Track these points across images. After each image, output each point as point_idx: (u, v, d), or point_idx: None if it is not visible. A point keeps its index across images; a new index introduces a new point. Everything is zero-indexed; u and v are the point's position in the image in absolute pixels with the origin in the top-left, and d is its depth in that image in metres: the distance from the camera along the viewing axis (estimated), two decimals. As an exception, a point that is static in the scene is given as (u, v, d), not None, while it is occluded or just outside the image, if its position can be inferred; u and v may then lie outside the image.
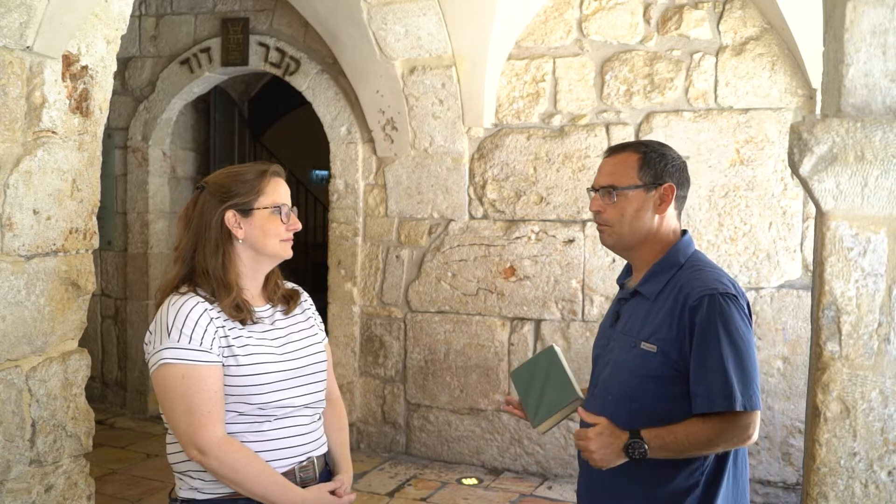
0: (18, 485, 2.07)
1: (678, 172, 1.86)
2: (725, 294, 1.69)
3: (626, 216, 1.84)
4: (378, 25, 4.41)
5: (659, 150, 1.87)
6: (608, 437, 1.70)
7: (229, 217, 1.77)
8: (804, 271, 4.05)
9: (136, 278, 5.67)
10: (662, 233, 1.85)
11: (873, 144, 1.28)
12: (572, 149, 4.46)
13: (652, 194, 1.83)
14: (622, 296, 1.96)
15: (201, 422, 1.67)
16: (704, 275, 1.76)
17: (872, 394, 1.30)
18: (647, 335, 1.77)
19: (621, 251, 1.94)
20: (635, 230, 1.84)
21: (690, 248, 1.86)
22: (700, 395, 1.66)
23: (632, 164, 1.84)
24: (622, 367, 1.82)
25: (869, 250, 1.30)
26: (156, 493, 4.19)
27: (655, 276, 1.84)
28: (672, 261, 1.83)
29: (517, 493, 4.31)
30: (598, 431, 1.72)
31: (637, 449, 1.67)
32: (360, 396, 4.95)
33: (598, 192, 1.88)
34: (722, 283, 1.72)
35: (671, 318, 1.74)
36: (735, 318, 1.68)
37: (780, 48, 4.07)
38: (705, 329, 1.67)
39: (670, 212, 1.86)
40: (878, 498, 1.30)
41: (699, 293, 1.71)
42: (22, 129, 2.04)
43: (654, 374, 1.74)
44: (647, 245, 1.86)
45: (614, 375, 1.83)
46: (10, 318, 2.04)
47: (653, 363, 1.75)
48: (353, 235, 4.94)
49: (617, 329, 1.90)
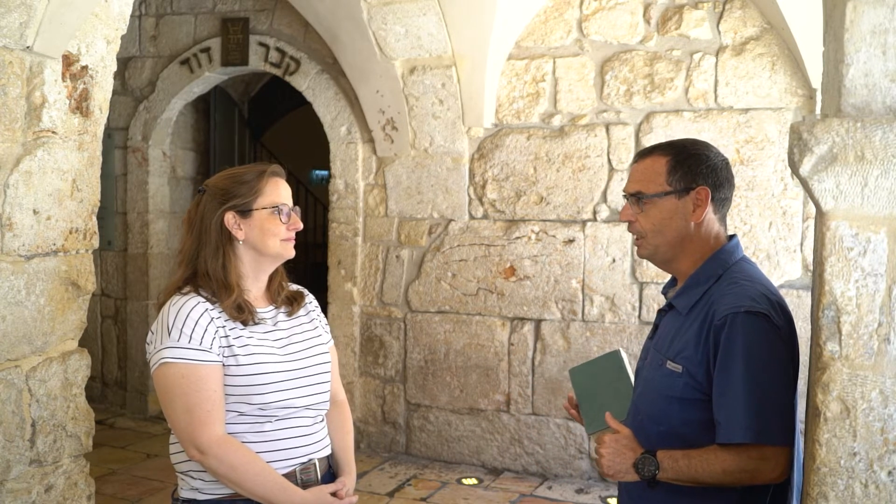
0: (18, 485, 2.07)
1: (714, 173, 1.70)
2: (752, 312, 1.54)
3: (656, 225, 1.70)
4: (378, 25, 4.41)
5: (691, 150, 1.73)
6: (622, 447, 1.63)
7: (229, 218, 1.78)
8: (804, 271, 4.05)
9: (136, 278, 5.67)
10: (702, 240, 1.71)
11: (873, 144, 1.28)
12: (572, 149, 4.46)
13: (685, 200, 1.69)
14: (663, 307, 1.82)
15: (201, 421, 1.67)
16: (738, 289, 1.61)
17: (872, 394, 1.30)
18: (674, 354, 1.66)
19: (661, 264, 1.79)
20: (669, 240, 1.71)
21: (734, 257, 1.71)
22: (720, 422, 1.54)
23: (659, 170, 1.70)
24: (650, 386, 1.71)
25: (869, 250, 1.30)
26: (156, 493, 4.19)
27: (690, 288, 1.70)
28: (709, 272, 1.68)
29: (517, 493, 4.31)
30: (615, 438, 1.65)
31: (647, 466, 1.57)
32: (360, 396, 4.95)
33: (629, 201, 1.76)
34: (752, 301, 1.57)
35: (698, 337, 1.62)
36: (762, 342, 1.53)
37: (780, 48, 4.08)
38: (727, 351, 1.55)
39: (709, 216, 1.70)
40: (879, 498, 1.30)
41: (725, 311, 1.57)
42: (22, 129, 2.04)
43: (679, 396, 1.62)
44: (685, 255, 1.72)
45: (644, 394, 1.73)
46: (10, 318, 2.04)
47: (678, 384, 1.63)
48: (353, 235, 4.94)
49: (652, 343, 1.79)
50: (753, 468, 1.51)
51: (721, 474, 1.53)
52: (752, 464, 1.51)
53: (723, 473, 1.53)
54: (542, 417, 4.56)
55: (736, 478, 1.53)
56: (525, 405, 4.59)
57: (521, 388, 4.59)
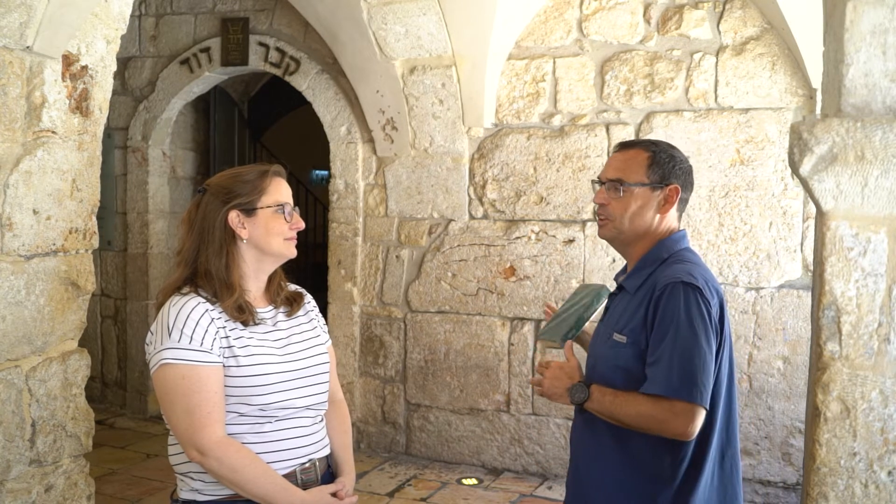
0: (18, 485, 2.07)
1: (684, 175, 1.89)
2: (689, 284, 1.71)
3: (629, 212, 1.86)
4: (378, 25, 4.41)
5: (668, 150, 1.90)
6: (564, 374, 1.84)
7: (233, 217, 1.78)
8: (804, 271, 4.05)
9: (135, 278, 5.67)
10: (659, 232, 1.88)
11: (873, 144, 1.28)
12: (572, 149, 4.46)
13: (657, 194, 1.85)
14: (613, 290, 2.00)
15: (201, 422, 1.66)
16: (679, 267, 1.79)
17: (872, 394, 1.30)
18: (621, 327, 1.82)
19: (619, 246, 1.96)
20: (636, 227, 1.87)
21: (679, 245, 1.88)
22: (648, 376, 1.70)
23: (641, 162, 1.86)
24: (600, 360, 1.87)
25: (869, 250, 1.30)
26: (156, 493, 4.19)
27: (639, 270, 1.87)
28: (656, 255, 1.86)
29: (517, 493, 4.30)
30: (560, 365, 1.86)
31: (578, 393, 1.79)
32: (360, 396, 4.95)
33: (605, 185, 1.90)
34: (690, 275, 1.73)
35: (642, 308, 1.78)
36: (692, 309, 1.69)
37: (780, 48, 4.07)
38: (662, 315, 1.71)
39: (672, 213, 1.88)
40: (878, 498, 1.30)
41: (664, 282, 1.74)
42: (22, 129, 2.04)
43: (624, 366, 1.78)
44: (642, 242, 1.89)
45: (594, 368, 1.89)
46: (10, 318, 2.04)
47: (624, 354, 1.78)
48: (353, 235, 4.94)
49: (602, 323, 1.95)
50: (663, 418, 1.67)
51: (636, 416, 1.70)
52: (663, 414, 1.66)
53: (637, 416, 1.70)
54: (542, 417, 4.56)
55: (647, 423, 1.69)
56: (525, 405, 4.59)
57: (521, 388, 4.59)
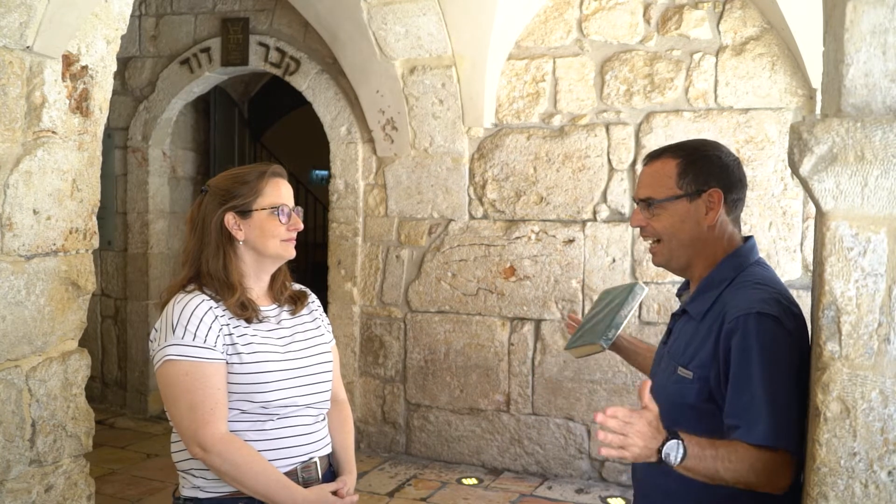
0: (18, 485, 2.07)
1: (726, 174, 1.67)
2: (764, 314, 1.49)
3: (668, 231, 1.66)
4: (378, 25, 4.41)
5: (701, 151, 1.69)
6: (652, 428, 1.40)
7: (228, 219, 1.79)
8: (804, 271, 4.05)
9: (136, 278, 5.67)
10: (715, 243, 1.66)
11: (873, 144, 1.28)
12: (572, 149, 4.46)
13: (696, 202, 1.64)
14: (676, 311, 1.77)
15: (204, 419, 1.67)
16: (749, 293, 1.56)
17: (872, 394, 1.29)
18: (686, 360, 1.61)
19: (677, 271, 1.74)
20: (684, 245, 1.66)
21: (748, 259, 1.66)
22: (739, 423, 1.46)
23: (669, 173, 1.67)
24: (662, 394, 1.57)
25: (869, 250, 1.30)
26: (156, 493, 4.19)
27: (703, 292, 1.66)
28: (722, 275, 1.64)
29: (517, 493, 4.30)
30: (639, 415, 1.39)
31: (675, 452, 1.40)
32: (360, 396, 4.95)
33: (639, 206, 1.72)
34: (764, 303, 1.52)
35: (710, 342, 1.57)
36: (772, 343, 1.47)
37: (780, 48, 4.07)
38: (742, 352, 1.49)
39: (722, 218, 1.66)
40: (878, 498, 1.30)
41: (735, 313, 1.52)
42: (22, 129, 2.04)
43: (693, 404, 1.57)
44: (699, 259, 1.67)
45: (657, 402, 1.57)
46: (10, 318, 2.04)
47: (690, 392, 1.58)
48: (353, 235, 4.94)
49: (666, 349, 1.73)
50: (771, 471, 1.43)
51: (747, 472, 1.42)
52: (771, 465, 1.42)
53: (749, 470, 1.42)
54: (542, 417, 4.56)
55: (756, 478, 1.43)
56: (525, 405, 4.59)
57: (521, 388, 4.59)
